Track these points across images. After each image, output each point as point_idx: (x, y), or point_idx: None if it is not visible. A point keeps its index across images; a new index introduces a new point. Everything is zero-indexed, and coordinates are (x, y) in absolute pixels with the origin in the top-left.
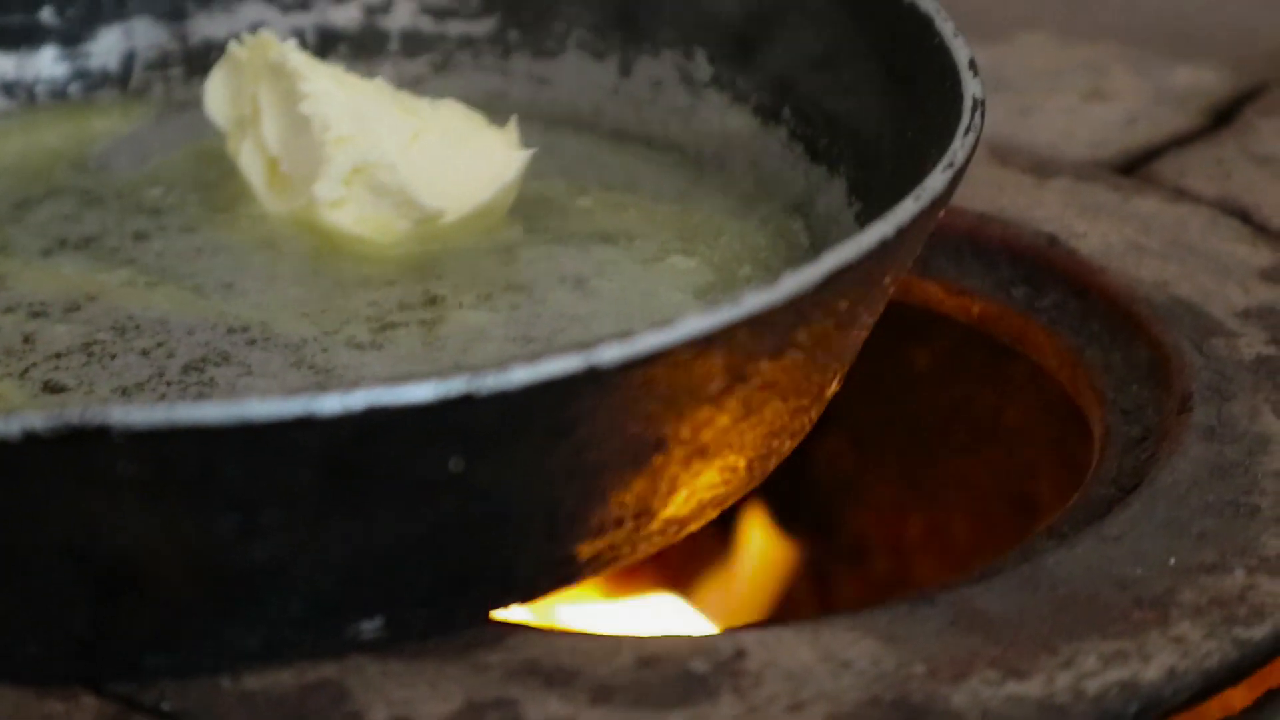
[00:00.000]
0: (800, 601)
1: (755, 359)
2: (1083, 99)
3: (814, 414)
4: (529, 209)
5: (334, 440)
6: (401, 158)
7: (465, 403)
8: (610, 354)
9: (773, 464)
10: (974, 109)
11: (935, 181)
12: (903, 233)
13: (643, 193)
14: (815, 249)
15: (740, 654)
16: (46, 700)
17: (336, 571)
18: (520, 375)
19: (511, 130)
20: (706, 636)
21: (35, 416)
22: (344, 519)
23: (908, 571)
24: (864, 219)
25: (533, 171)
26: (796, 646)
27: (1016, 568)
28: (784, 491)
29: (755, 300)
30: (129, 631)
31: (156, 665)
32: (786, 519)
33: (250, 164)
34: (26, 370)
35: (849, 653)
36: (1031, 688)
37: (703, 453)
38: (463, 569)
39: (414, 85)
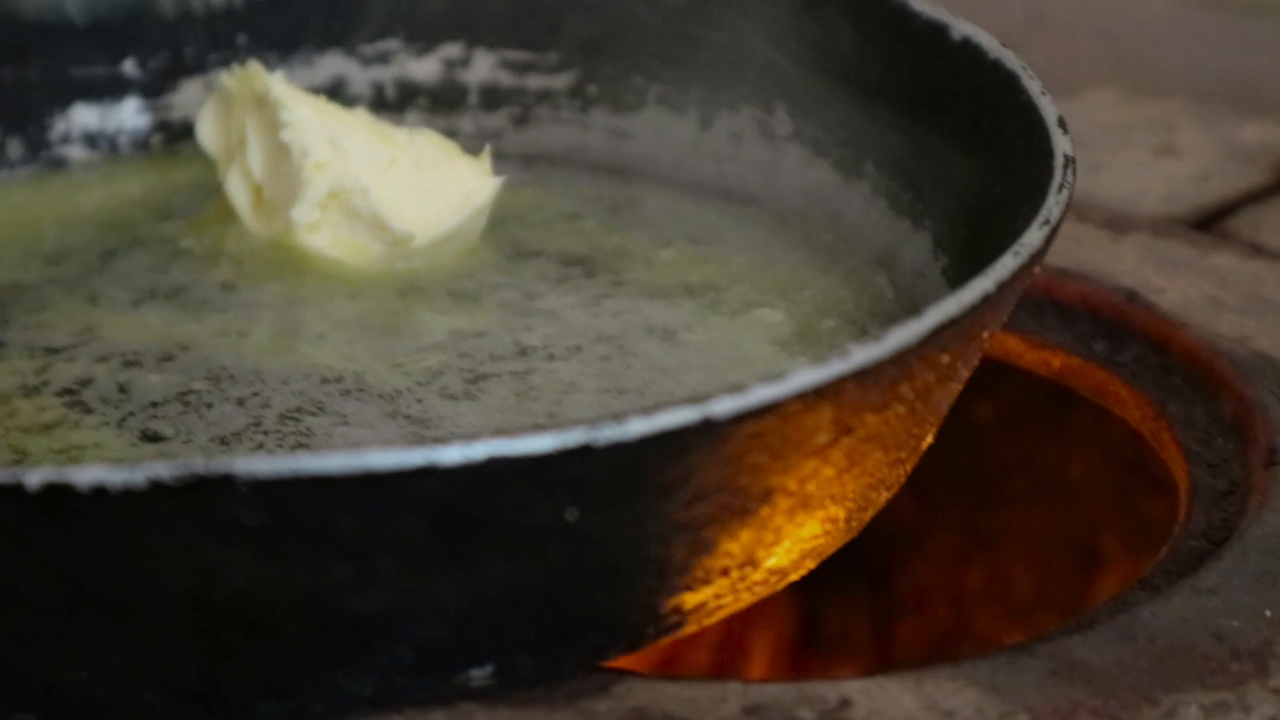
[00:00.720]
0: (860, 650)
1: (861, 412)
2: (1154, 155)
3: (909, 466)
4: (612, 261)
5: (453, 490)
6: (375, 182)
7: (583, 454)
8: (724, 406)
9: (869, 515)
10: (1066, 166)
11: (1033, 237)
12: (1003, 288)
13: (725, 245)
14: (900, 302)
15: (845, 703)
16: None
17: (449, 619)
18: (637, 427)
19: (485, 159)
20: (811, 684)
21: (161, 466)
22: (458, 567)
23: (968, 622)
24: (952, 273)
25: (615, 224)
26: (900, 695)
27: (1113, 619)
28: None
29: (863, 354)
30: (244, 679)
31: (270, 712)
32: (848, 567)
33: (236, 191)
34: (124, 419)
35: (952, 702)
36: None
37: (806, 504)
38: (572, 617)
39: (494, 138)
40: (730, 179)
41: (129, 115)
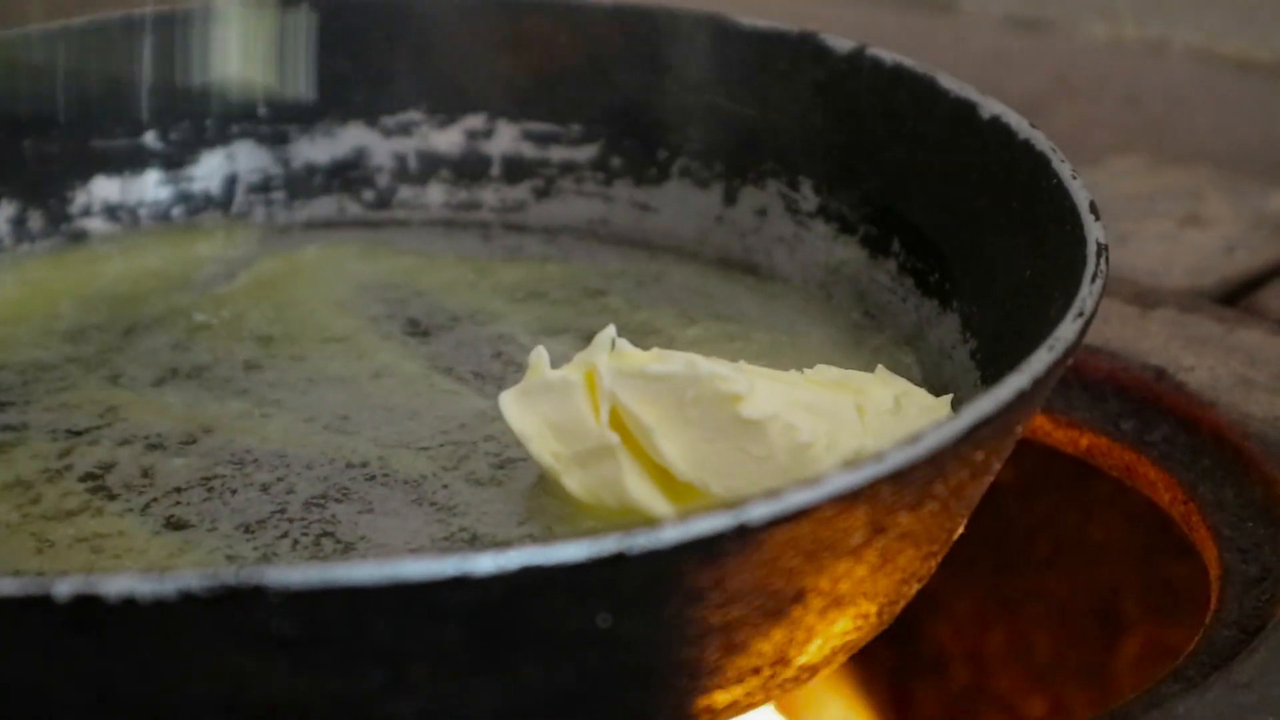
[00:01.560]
0: (880, 710)
1: (895, 512)
2: (1179, 225)
3: (940, 557)
4: (638, 340)
5: (486, 599)
6: (880, 440)
7: (617, 562)
8: (759, 512)
9: (900, 608)
10: (1099, 254)
11: (1066, 331)
12: (1038, 383)
13: (750, 323)
14: (928, 383)
15: None
16: None
17: None
18: (671, 534)
19: (944, 403)
20: None
21: (192, 576)
22: (491, 673)
23: (987, 684)
24: (980, 356)
25: (640, 300)
26: None
27: (1147, 714)
28: None
29: (899, 456)
30: None
31: None
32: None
33: (635, 484)
34: (148, 505)
35: None
36: None
37: (839, 602)
38: (607, 717)
39: (516, 210)
40: (755, 254)
41: (150, 187)
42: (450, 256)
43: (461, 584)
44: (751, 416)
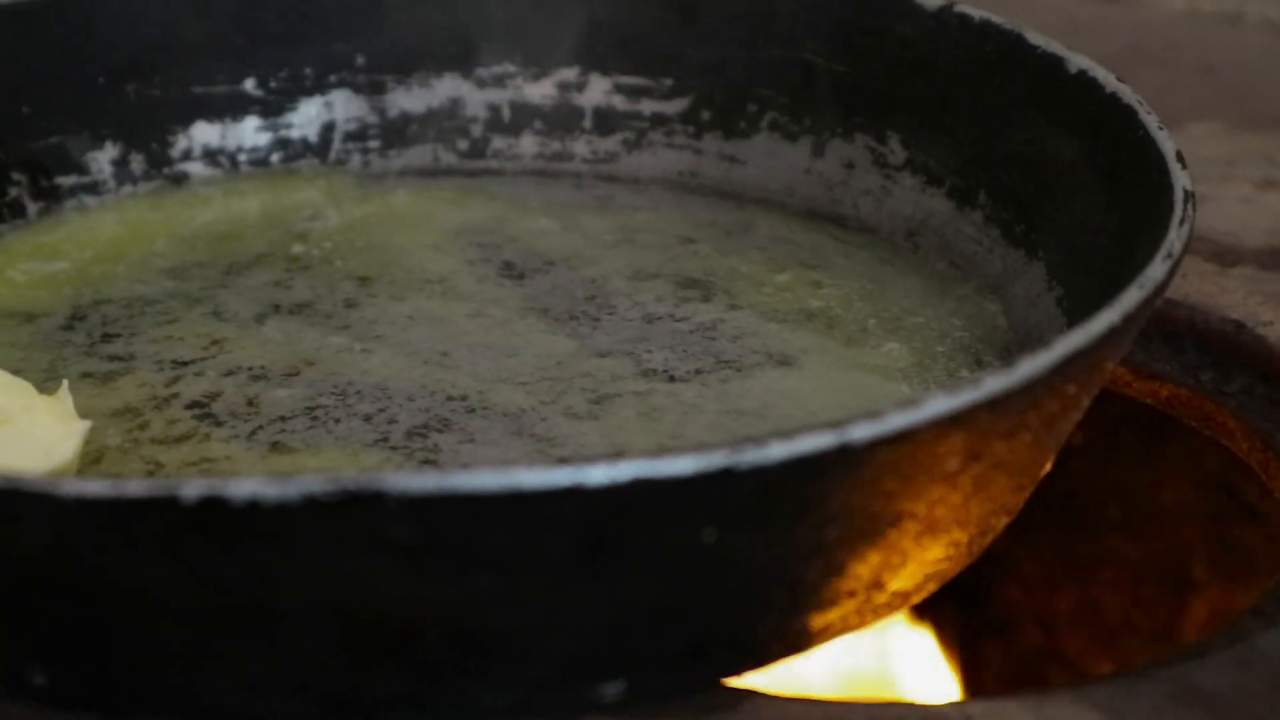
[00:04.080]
0: (949, 672)
1: (989, 439)
2: (1257, 188)
3: (1028, 492)
4: (728, 285)
5: (598, 509)
6: None
7: (725, 476)
8: (862, 432)
9: (988, 540)
10: (1186, 200)
11: (1156, 270)
12: (1128, 319)
13: (838, 272)
14: (1014, 331)
15: None
16: None
17: (586, 635)
18: (777, 451)
19: (64, 397)
20: (934, 706)
21: (314, 481)
22: (597, 585)
23: (1056, 647)
24: (1067, 303)
25: (729, 248)
26: (1021, 717)
27: (1229, 647)
28: None
29: (995, 383)
30: (383, 689)
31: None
32: (939, 589)
33: None
34: (254, 432)
35: None
36: None
37: (933, 528)
38: (704, 635)
39: (607, 162)
40: (842, 205)
41: (249, 133)
42: (542, 204)
43: (574, 494)
44: None
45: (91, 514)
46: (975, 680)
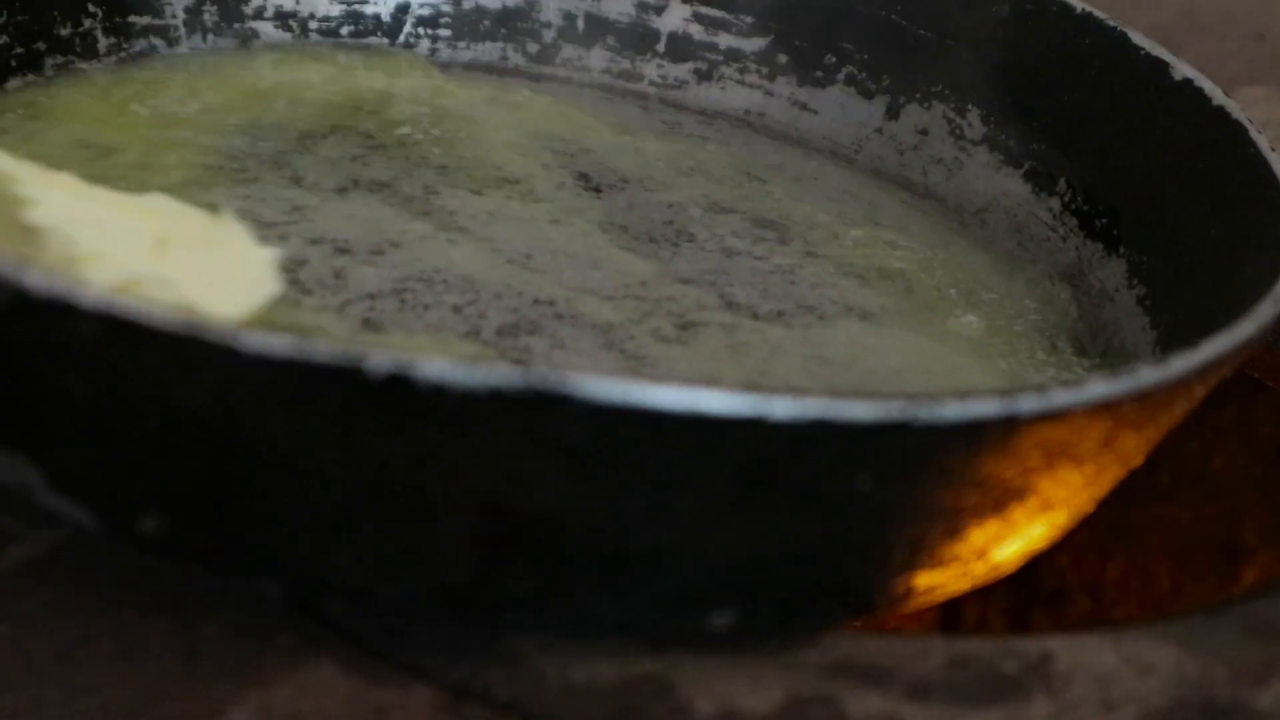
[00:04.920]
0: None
1: (1125, 428)
2: None
3: (1118, 483)
4: (804, 231)
5: (773, 443)
6: (162, 269)
7: (901, 428)
8: (1029, 405)
9: (1076, 524)
10: None
11: None
12: (1262, 331)
13: (910, 236)
14: (1085, 321)
15: (1047, 657)
16: (379, 689)
17: (718, 564)
18: (952, 410)
19: (266, 253)
20: (1012, 640)
21: (504, 372)
22: (747, 517)
23: (1105, 614)
24: (1150, 303)
25: (801, 194)
26: (1101, 651)
27: None
28: None
29: (1150, 375)
30: (505, 588)
31: (516, 622)
32: None
33: None
34: (343, 305)
35: (1152, 657)
36: None
37: (1047, 506)
38: (822, 580)
39: (675, 88)
40: (911, 170)
41: (323, 2)
42: (611, 121)
43: (756, 424)
44: (31, 223)
45: (269, 372)
46: None
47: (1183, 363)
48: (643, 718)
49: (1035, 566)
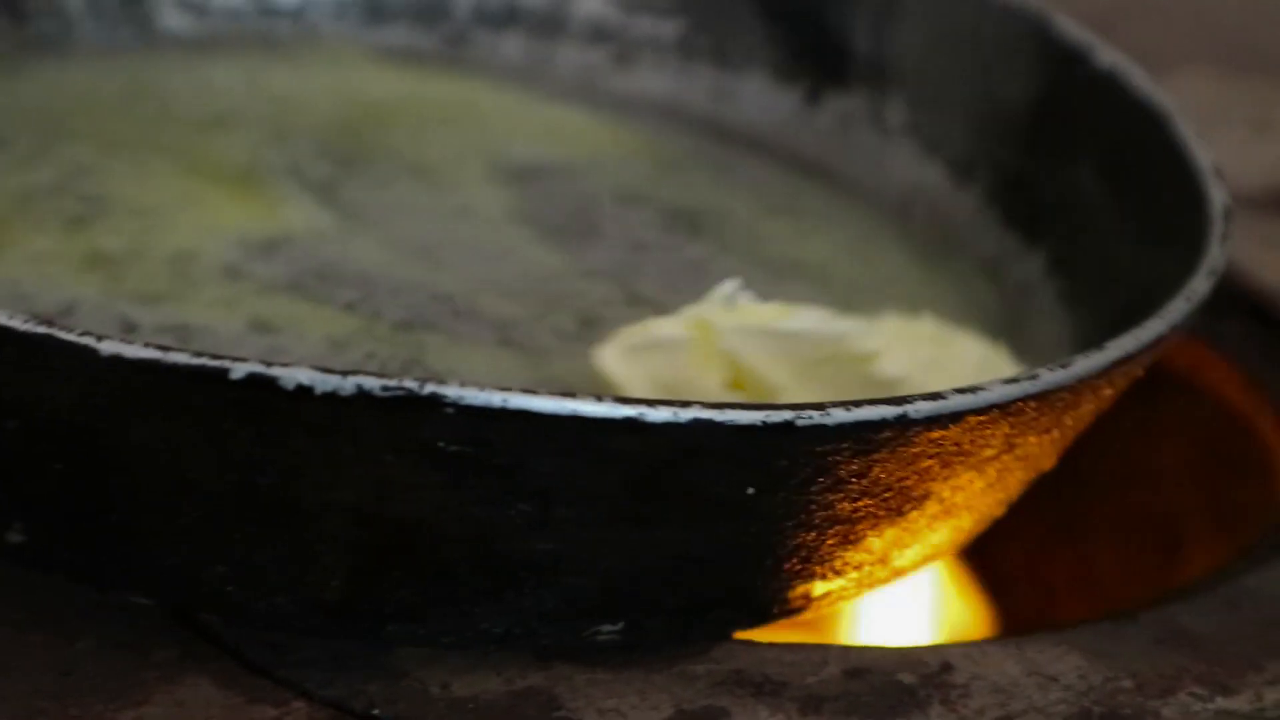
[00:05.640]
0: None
1: (1027, 432)
2: (1250, 133)
3: (1028, 486)
4: (718, 223)
5: (652, 449)
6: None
7: (785, 430)
8: (922, 408)
9: (983, 528)
10: (1226, 216)
11: (1200, 285)
12: (1174, 329)
13: (829, 227)
14: (1006, 315)
15: (946, 667)
16: (257, 705)
17: (602, 574)
18: (839, 415)
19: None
20: (912, 649)
21: (372, 378)
22: (630, 526)
23: (1052, 608)
24: (1071, 298)
25: (718, 183)
26: (1002, 661)
27: (1215, 588)
28: None
29: (1050, 378)
30: (384, 599)
31: (397, 634)
32: None
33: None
34: (232, 301)
35: (1055, 668)
36: (1240, 703)
37: (949, 512)
38: (713, 589)
39: (590, 72)
40: (831, 159)
41: None
42: (524, 107)
43: (634, 427)
44: (887, 376)
45: (128, 376)
46: None
47: (1085, 364)
48: None
49: (979, 560)
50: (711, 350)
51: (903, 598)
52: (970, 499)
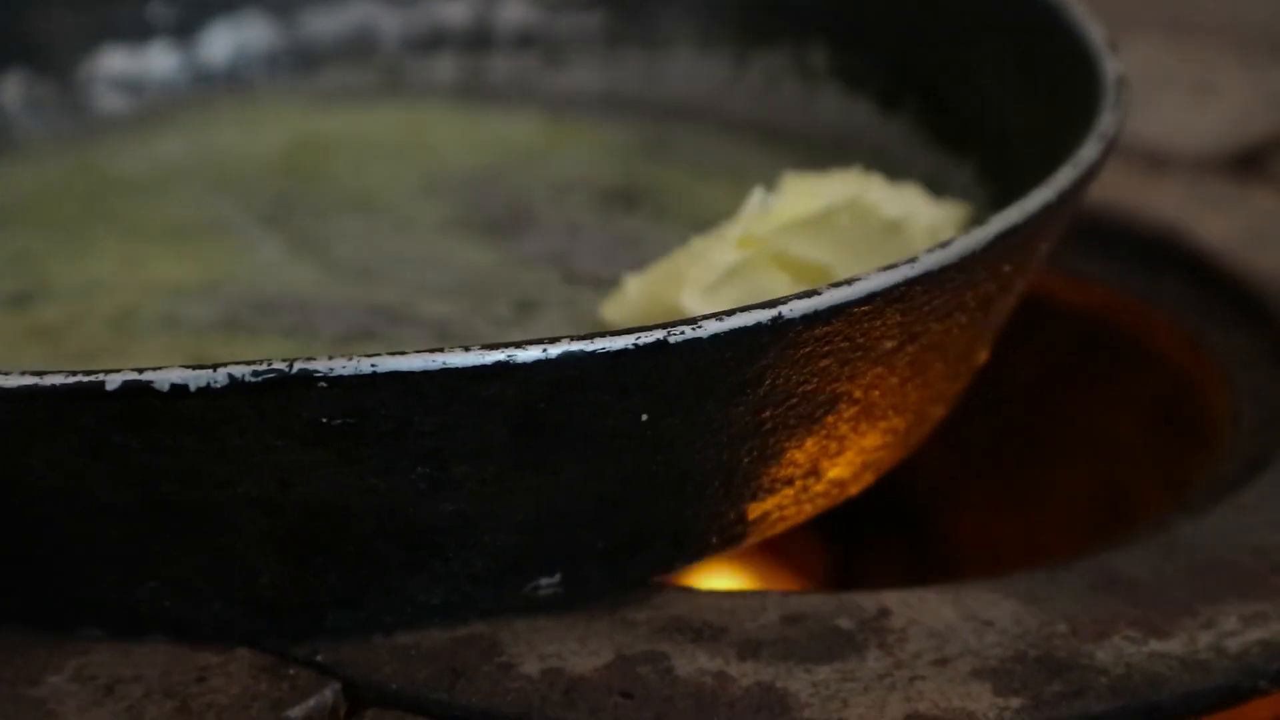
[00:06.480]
0: None
1: (926, 319)
2: (1194, 96)
3: (963, 383)
4: (654, 195)
5: (529, 390)
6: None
7: (659, 350)
8: (796, 307)
9: (926, 430)
10: (1118, 85)
11: (1090, 151)
12: (1063, 198)
13: (767, 177)
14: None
15: (884, 612)
16: (201, 652)
17: (522, 527)
18: (711, 326)
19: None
20: (849, 595)
21: (242, 366)
22: (533, 473)
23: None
24: (1002, 200)
25: (654, 159)
26: (939, 606)
27: (1153, 537)
28: (881, 495)
29: (931, 259)
30: (315, 589)
31: (339, 623)
32: (883, 519)
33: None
34: (171, 347)
35: (991, 613)
36: (1173, 646)
37: (870, 413)
38: (640, 526)
39: (526, 76)
40: (768, 115)
41: (157, 56)
42: (461, 119)
43: (506, 371)
44: (891, 218)
45: (14, 406)
46: None
47: (966, 241)
48: (468, 678)
49: (928, 528)
50: (768, 258)
51: None
52: (891, 397)
